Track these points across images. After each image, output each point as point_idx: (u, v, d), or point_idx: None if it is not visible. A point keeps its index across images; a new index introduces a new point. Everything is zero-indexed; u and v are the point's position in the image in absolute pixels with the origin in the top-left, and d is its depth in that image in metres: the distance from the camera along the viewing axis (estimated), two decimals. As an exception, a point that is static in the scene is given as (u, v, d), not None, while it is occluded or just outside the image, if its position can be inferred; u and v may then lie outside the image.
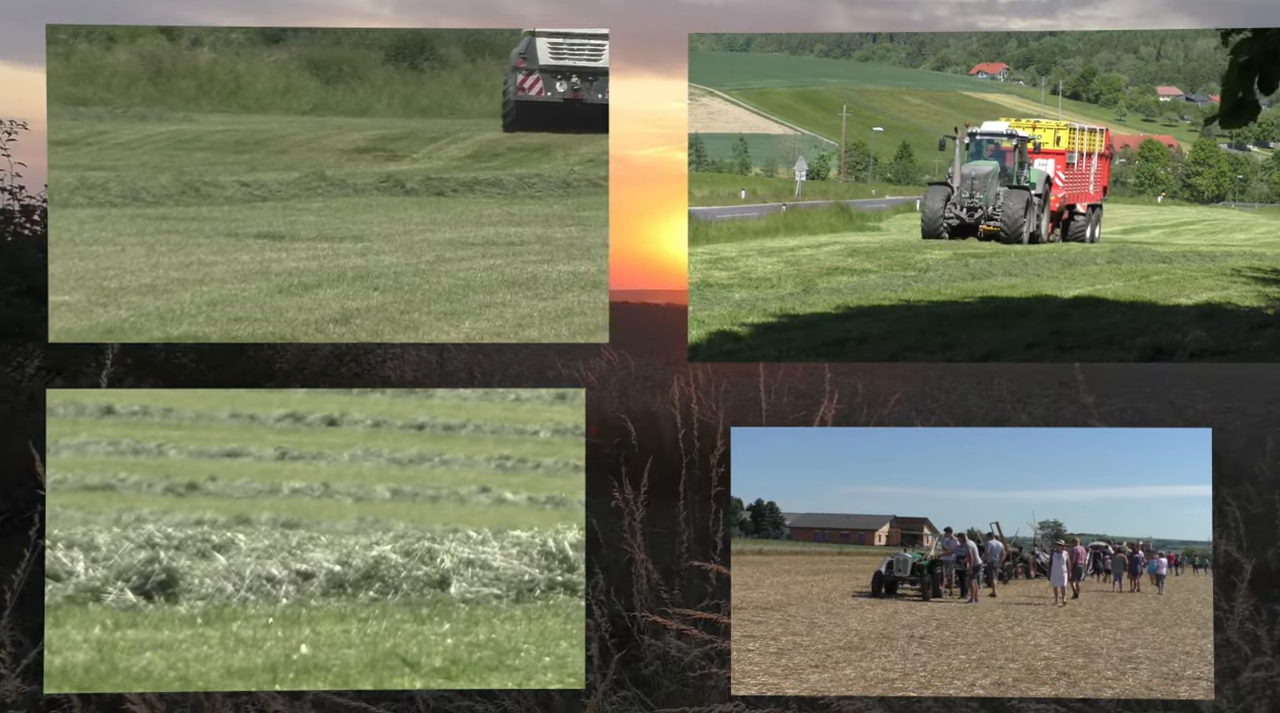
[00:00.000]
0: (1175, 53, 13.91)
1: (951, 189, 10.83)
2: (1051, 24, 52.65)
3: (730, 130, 13.58)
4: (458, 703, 4.72)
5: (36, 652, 4.37)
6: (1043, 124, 11.40)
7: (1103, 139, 11.54)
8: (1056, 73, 13.59)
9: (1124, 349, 6.43)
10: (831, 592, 5.34)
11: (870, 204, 12.02)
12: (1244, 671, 4.67)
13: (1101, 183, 11.62)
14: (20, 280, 8.91)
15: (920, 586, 5.23)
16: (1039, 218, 10.93)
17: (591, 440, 8.68)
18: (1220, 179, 12.00)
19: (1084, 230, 11.11)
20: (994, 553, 5.24)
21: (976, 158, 11.54)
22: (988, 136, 11.63)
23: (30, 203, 9.78)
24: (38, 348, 9.28)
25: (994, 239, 10.47)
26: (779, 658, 4.43)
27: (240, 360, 10.05)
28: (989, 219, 10.64)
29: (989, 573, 5.27)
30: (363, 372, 11.42)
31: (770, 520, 4.73)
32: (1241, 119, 4.71)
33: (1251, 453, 10.24)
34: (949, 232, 10.56)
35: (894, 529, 5.24)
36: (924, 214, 10.80)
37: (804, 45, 14.77)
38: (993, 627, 4.89)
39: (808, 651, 4.52)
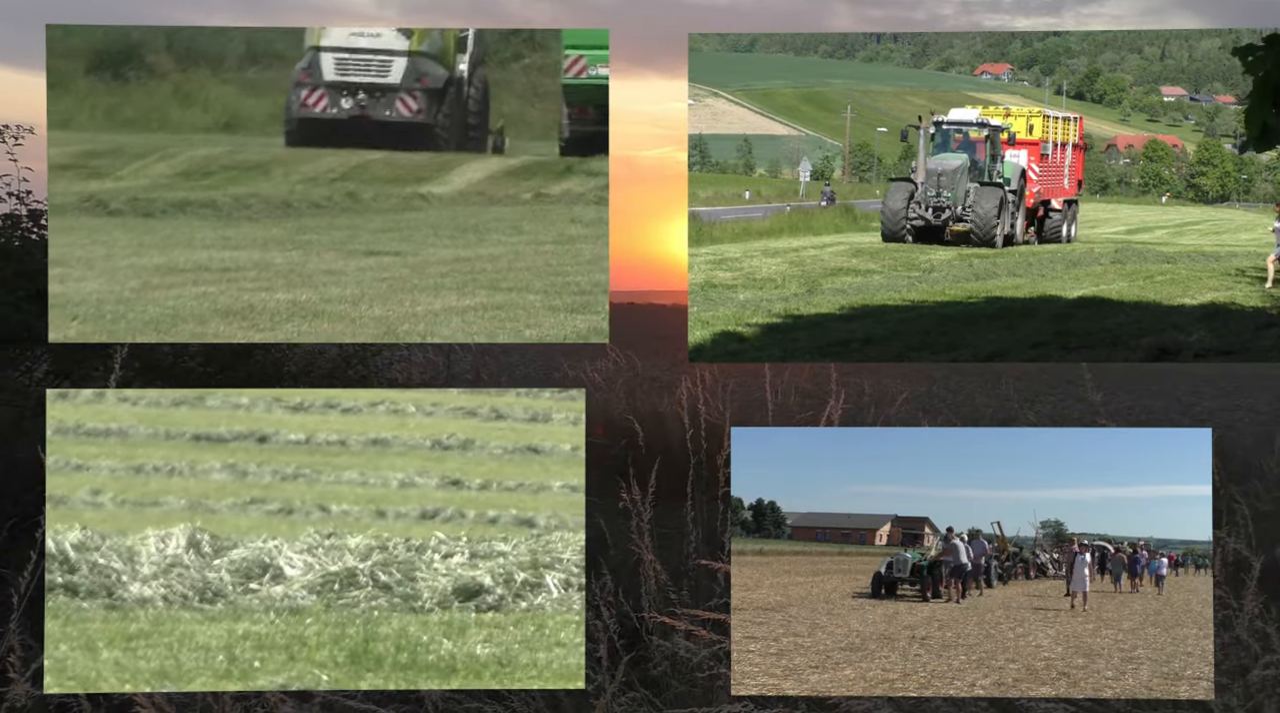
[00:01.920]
0: (1179, 53, 13.90)
1: (915, 186, 9.87)
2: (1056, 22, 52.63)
3: (734, 131, 13.58)
4: (466, 704, 4.73)
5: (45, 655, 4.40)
6: (1015, 111, 10.60)
7: (1077, 128, 10.86)
8: (1061, 73, 13.57)
9: (1129, 349, 6.43)
10: (832, 592, 5.34)
11: (874, 205, 11.89)
12: (1254, 668, 4.67)
13: (1076, 176, 10.87)
14: (28, 285, 8.94)
15: (919, 586, 5.23)
16: (1014, 217, 9.93)
17: (598, 441, 8.72)
18: (1224, 179, 11.98)
19: (1060, 229, 10.25)
20: (979, 552, 5.19)
21: (943, 150, 10.52)
22: (956, 126, 10.62)
23: (37, 207, 9.82)
24: (45, 352, 9.31)
25: (964, 242, 9.53)
26: (779, 659, 4.45)
27: (248, 363, 10.08)
28: (958, 220, 9.64)
29: (981, 573, 5.23)
30: (370, 374, 11.45)
31: (771, 520, 4.74)
32: (1269, 143, 4.63)
33: (1260, 451, 10.17)
34: (913, 234, 9.63)
35: (895, 529, 5.24)
36: (884, 214, 9.79)
37: (808, 46, 14.78)
38: (994, 627, 4.90)
39: (808, 652, 4.54)
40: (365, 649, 4.40)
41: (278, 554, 4.94)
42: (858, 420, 9.78)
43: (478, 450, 7.06)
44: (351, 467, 6.65)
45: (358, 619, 4.61)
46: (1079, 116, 10.87)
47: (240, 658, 4.35)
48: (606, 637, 4.81)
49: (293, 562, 4.92)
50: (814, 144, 13.51)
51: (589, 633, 4.60)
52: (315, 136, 8.86)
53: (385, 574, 4.84)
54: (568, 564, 4.82)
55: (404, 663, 4.34)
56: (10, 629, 4.58)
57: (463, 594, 4.79)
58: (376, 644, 4.43)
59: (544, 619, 4.61)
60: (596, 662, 4.67)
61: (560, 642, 4.47)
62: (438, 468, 6.71)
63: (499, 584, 4.81)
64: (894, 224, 9.70)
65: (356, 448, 6.98)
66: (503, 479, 6.49)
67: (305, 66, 8.92)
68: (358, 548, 5.02)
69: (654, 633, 5.11)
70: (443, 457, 6.95)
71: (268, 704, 4.40)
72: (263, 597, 4.75)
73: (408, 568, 4.90)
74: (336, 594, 4.77)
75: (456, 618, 4.65)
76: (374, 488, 6.41)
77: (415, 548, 5.04)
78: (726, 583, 4.91)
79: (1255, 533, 5.87)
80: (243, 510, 5.90)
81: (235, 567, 4.88)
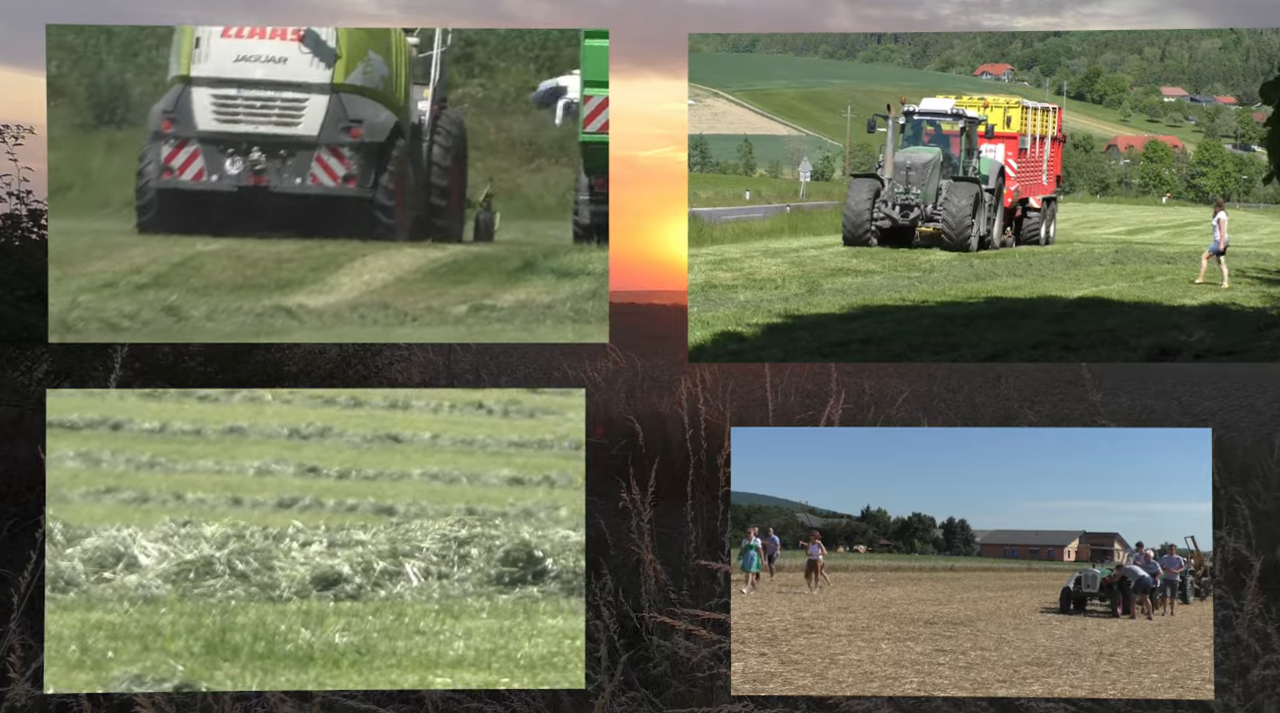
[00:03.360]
0: (1180, 53, 13.89)
1: (882, 182, 9.02)
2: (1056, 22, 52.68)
3: (735, 131, 13.58)
4: (466, 704, 4.74)
5: (46, 654, 4.40)
6: (993, 101, 9.73)
7: (1055, 119, 10.10)
8: (1061, 73, 13.57)
9: (1129, 350, 6.43)
10: (1020, 607, 5.24)
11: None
12: (1254, 668, 4.67)
13: (1055, 172, 10.14)
14: (28, 284, 8.95)
15: (1109, 602, 5.04)
16: (990, 217, 9.05)
17: (599, 441, 8.71)
18: (1225, 180, 11.98)
19: (1038, 229, 9.49)
20: (1171, 567, 4.97)
21: (914, 143, 9.67)
22: (928, 117, 9.75)
23: (37, 207, 9.84)
24: (45, 352, 9.32)
25: (935, 245, 8.78)
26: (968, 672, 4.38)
27: (249, 363, 10.09)
28: (928, 219, 8.82)
29: (1176, 590, 4.97)
30: (370, 374, 11.46)
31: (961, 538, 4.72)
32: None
33: (1260, 451, 10.14)
34: (878, 236, 8.76)
35: (1084, 545, 5.06)
36: (845, 214, 8.85)
37: (808, 46, 14.78)
38: (1187, 645, 4.71)
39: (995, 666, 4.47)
40: (222, 639, 4.35)
41: (132, 543, 4.84)
42: (858, 420, 9.71)
43: (335, 438, 6.84)
44: (207, 456, 6.50)
45: (214, 609, 4.55)
46: (1058, 107, 10.16)
47: (93, 648, 4.28)
48: (606, 636, 4.81)
49: (147, 550, 4.82)
50: (814, 144, 13.51)
51: (589, 633, 4.60)
52: (183, 218, 6.19)
53: (242, 563, 4.76)
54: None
55: (261, 653, 4.28)
56: (10, 629, 4.58)
57: (321, 583, 4.73)
58: (234, 634, 4.38)
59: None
60: (596, 662, 4.67)
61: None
62: (295, 456, 6.54)
63: (357, 573, 4.77)
64: (857, 225, 8.72)
65: (213, 437, 6.82)
66: (361, 468, 6.33)
67: (168, 109, 6.19)
68: (214, 536, 4.92)
69: (654, 633, 5.11)
70: (300, 446, 6.79)
71: (268, 704, 4.39)
72: (116, 586, 4.66)
73: (264, 557, 4.83)
74: (192, 583, 4.69)
75: (315, 607, 4.61)
76: (230, 476, 6.28)
77: (273, 537, 4.97)
78: (726, 583, 4.91)
79: (1255, 533, 5.87)
80: (96, 500, 5.76)
81: (88, 556, 4.77)
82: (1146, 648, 4.71)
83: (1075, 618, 5.12)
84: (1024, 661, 4.53)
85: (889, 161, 9.14)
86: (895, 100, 10.08)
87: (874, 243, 8.60)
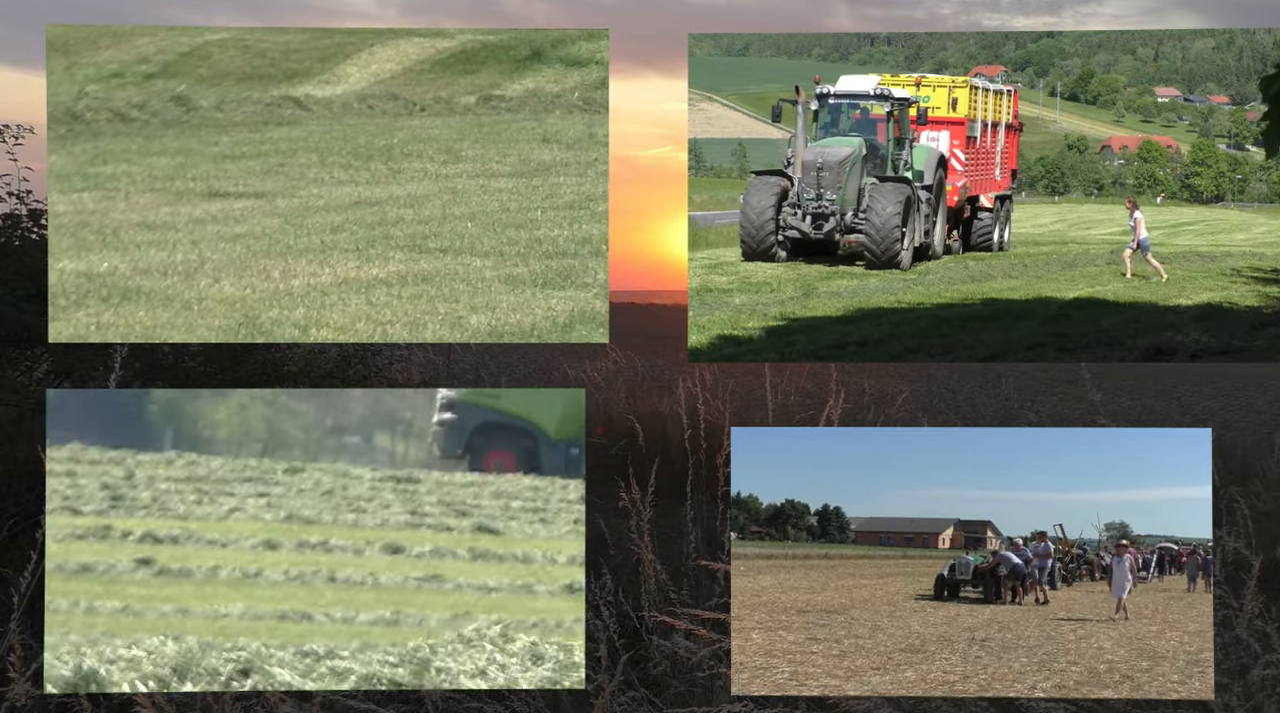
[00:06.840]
0: (1173, 53, 13.92)
1: (790, 182, 7.48)
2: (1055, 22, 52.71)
3: (729, 135, 13.59)
4: (466, 704, 4.75)
5: (46, 654, 4.41)
6: (931, 80, 7.83)
7: (1011, 104, 8.41)
8: (1055, 74, 13.59)
9: (1125, 350, 6.45)
10: (894, 594, 5.27)
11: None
12: (1254, 668, 4.69)
13: (1010, 165, 8.49)
14: (29, 284, 8.96)
15: (982, 589, 5.11)
16: (929, 221, 7.30)
17: (599, 441, 8.72)
18: (1219, 179, 12.00)
19: (990, 232, 8.03)
20: (1040, 554, 5.04)
21: (831, 132, 7.89)
22: (848, 99, 7.87)
23: (37, 207, 9.84)
24: (45, 352, 9.33)
25: (859, 260, 7.18)
26: (841, 660, 4.41)
27: (248, 363, 10.09)
28: (849, 231, 7.16)
29: (1045, 576, 5.08)
30: (370, 373, 11.46)
31: (836, 525, 4.74)
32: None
33: (1260, 451, 10.14)
34: (787, 248, 7.19)
35: (958, 533, 5.14)
36: (742, 223, 7.24)
37: (802, 49, 14.79)
38: (1054, 630, 4.83)
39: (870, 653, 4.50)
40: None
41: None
42: (858, 420, 9.66)
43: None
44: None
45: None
46: (1014, 89, 8.42)
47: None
48: (606, 636, 4.82)
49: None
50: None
51: (589, 633, 4.62)
52: None
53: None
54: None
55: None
56: (10, 629, 4.60)
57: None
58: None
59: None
60: (596, 661, 4.68)
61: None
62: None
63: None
64: (756, 237, 7.04)
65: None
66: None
67: None
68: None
69: (654, 633, 5.13)
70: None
71: (268, 704, 4.41)
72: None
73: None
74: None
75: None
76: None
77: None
78: (727, 583, 4.93)
79: (1255, 533, 5.90)
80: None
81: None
82: (1017, 633, 4.80)
83: (949, 604, 5.19)
84: (898, 648, 4.58)
85: (799, 157, 7.51)
86: (808, 82, 8.36)
87: (781, 257, 7.13)
